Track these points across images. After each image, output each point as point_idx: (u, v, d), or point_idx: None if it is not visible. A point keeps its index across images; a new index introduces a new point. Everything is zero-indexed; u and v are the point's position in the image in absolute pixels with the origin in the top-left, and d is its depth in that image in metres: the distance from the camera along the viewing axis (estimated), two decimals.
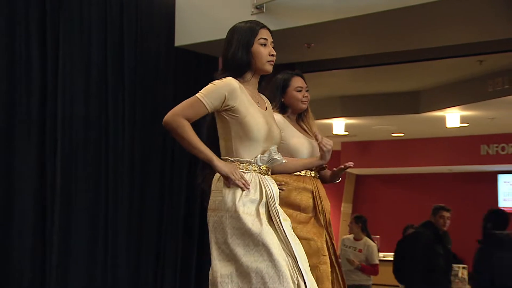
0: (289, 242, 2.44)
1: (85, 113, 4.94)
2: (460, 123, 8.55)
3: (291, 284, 2.34)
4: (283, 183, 3.07)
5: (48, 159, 4.67)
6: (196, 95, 2.45)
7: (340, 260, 3.50)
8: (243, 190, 2.42)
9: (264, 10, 4.84)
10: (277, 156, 2.53)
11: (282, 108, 3.35)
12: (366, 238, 6.43)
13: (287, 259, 2.39)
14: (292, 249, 2.44)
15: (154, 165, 5.43)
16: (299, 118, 3.41)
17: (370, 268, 6.31)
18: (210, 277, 2.43)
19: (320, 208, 3.26)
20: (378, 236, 9.54)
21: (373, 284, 7.56)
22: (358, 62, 6.02)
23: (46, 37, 4.71)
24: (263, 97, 2.69)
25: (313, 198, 3.26)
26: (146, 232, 5.34)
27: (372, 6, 4.43)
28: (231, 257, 2.37)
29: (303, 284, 2.39)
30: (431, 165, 10.74)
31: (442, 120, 8.60)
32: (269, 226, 2.43)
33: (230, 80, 2.47)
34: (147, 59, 5.41)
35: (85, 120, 4.94)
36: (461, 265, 6.17)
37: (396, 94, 8.40)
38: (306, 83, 3.39)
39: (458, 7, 4.37)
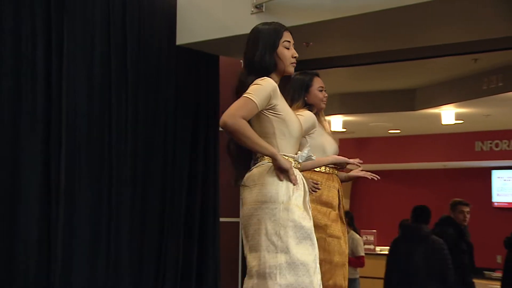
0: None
1: (88, 110, 5.00)
2: (455, 120, 8.59)
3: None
4: (318, 182, 3.17)
5: (53, 156, 4.72)
6: (246, 95, 2.46)
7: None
8: (294, 185, 2.47)
9: (264, 10, 4.85)
10: (311, 153, 2.61)
11: (307, 107, 3.41)
12: (352, 232, 6.52)
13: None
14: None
15: (156, 164, 5.46)
16: None
17: (356, 260, 6.41)
18: (255, 268, 2.44)
19: (342, 206, 3.36)
20: (374, 231, 9.64)
21: (370, 278, 7.66)
22: (356, 60, 6.06)
23: (51, 36, 4.77)
24: None
25: (338, 196, 3.36)
26: (147, 231, 5.36)
27: (370, 5, 4.47)
28: (282, 249, 2.40)
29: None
30: (427, 161, 10.80)
31: (438, 117, 8.65)
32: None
33: (271, 80, 2.52)
34: (149, 58, 5.47)
35: (88, 117, 5.00)
36: None
37: (392, 91, 8.44)
38: None
39: (453, 6, 4.40)
